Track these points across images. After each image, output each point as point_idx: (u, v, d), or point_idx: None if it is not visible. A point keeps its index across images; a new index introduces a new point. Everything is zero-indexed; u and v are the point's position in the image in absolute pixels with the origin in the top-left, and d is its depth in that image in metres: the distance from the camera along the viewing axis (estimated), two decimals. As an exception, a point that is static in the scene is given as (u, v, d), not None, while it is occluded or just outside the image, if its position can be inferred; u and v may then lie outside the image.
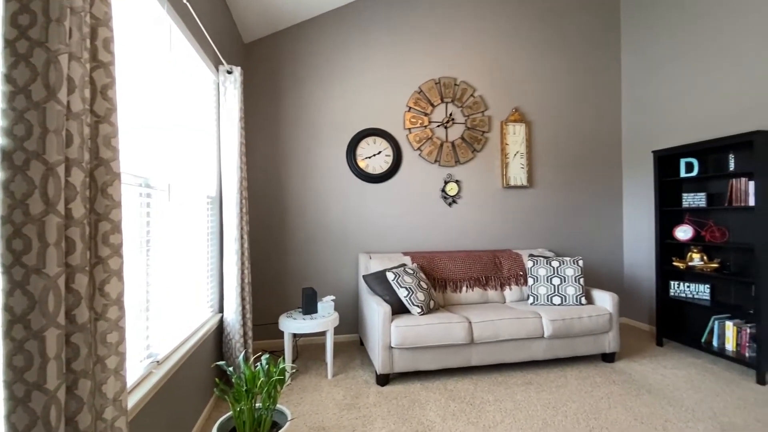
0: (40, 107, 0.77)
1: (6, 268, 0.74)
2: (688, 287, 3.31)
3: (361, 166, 3.64)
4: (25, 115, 0.76)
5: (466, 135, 3.83)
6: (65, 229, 0.83)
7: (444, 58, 3.83)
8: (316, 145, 3.62)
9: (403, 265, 3.13)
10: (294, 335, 3.52)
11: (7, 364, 0.74)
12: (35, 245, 0.76)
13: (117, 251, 0.99)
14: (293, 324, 2.72)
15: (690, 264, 3.23)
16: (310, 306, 2.86)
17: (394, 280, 2.89)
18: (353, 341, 3.64)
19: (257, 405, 1.77)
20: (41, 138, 0.76)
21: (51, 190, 0.77)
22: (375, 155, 3.67)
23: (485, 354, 2.81)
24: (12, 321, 0.74)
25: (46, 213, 0.77)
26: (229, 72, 2.62)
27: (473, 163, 3.87)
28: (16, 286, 0.75)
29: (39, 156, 0.76)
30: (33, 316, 0.75)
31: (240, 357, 1.96)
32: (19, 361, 0.74)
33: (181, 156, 2.07)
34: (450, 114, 3.82)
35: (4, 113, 0.75)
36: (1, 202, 0.74)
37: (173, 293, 1.91)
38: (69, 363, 0.84)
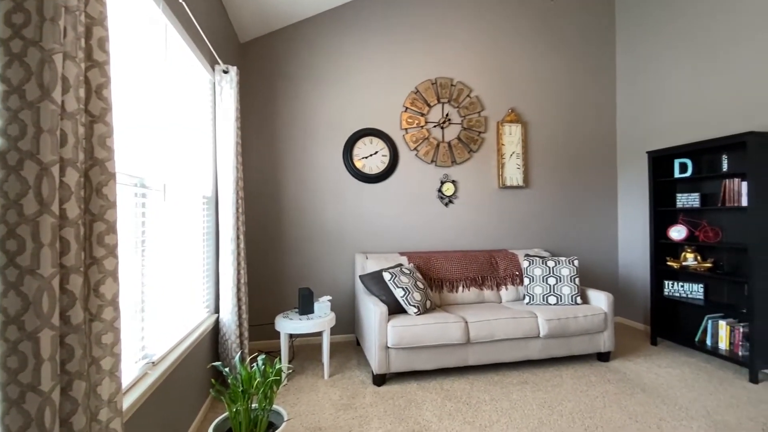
0: (34, 107, 0.76)
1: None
2: (682, 287, 3.34)
3: (358, 166, 3.64)
4: (19, 115, 0.75)
5: (462, 135, 3.84)
6: (60, 230, 0.82)
7: (440, 58, 3.84)
8: (312, 145, 3.61)
9: (400, 265, 3.13)
10: (290, 336, 3.51)
11: (1, 365, 0.73)
12: (29, 246, 0.75)
13: (112, 252, 0.98)
14: (289, 324, 2.71)
15: (684, 264, 3.26)
16: (306, 306, 2.86)
17: (390, 280, 2.89)
18: (350, 341, 3.64)
19: (253, 406, 1.76)
20: (35, 138, 0.76)
21: (45, 190, 0.77)
22: (372, 155, 3.67)
23: (481, 354, 2.82)
24: (6, 322, 0.74)
25: (40, 213, 0.76)
26: (225, 71, 2.61)
27: (470, 164, 3.88)
28: (9, 287, 0.74)
29: (33, 156, 0.76)
30: (27, 317, 0.74)
31: (236, 357, 1.95)
32: (13, 363, 0.73)
33: (177, 156, 2.06)
34: (446, 114, 3.83)
35: (-3, 113, 0.74)
36: (-5, 202, 0.74)
37: (169, 294, 1.90)
38: (63, 364, 0.83)
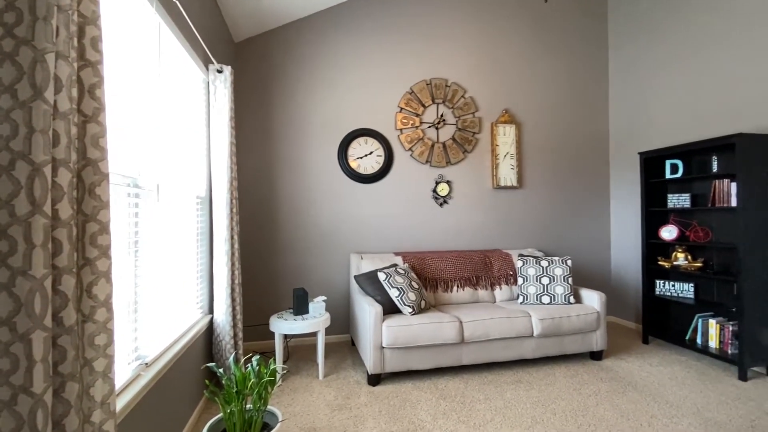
0: (26, 106, 0.76)
1: (-9, 269, 0.73)
2: (673, 286, 3.38)
3: (353, 166, 3.64)
4: (11, 115, 0.75)
5: (456, 136, 3.85)
6: (52, 230, 0.82)
7: (435, 59, 3.85)
8: (307, 145, 3.61)
9: (395, 266, 3.14)
10: (285, 336, 3.50)
11: (-8, 367, 0.72)
12: (21, 247, 0.74)
13: (105, 252, 0.98)
14: (284, 325, 2.71)
15: (675, 263, 3.30)
16: (301, 307, 2.86)
17: (385, 280, 2.89)
18: (345, 342, 3.64)
19: (248, 406, 1.76)
20: (27, 138, 0.75)
21: (37, 190, 0.76)
22: (366, 155, 3.67)
23: (476, 353, 2.83)
24: (-3, 323, 0.73)
25: (32, 214, 0.76)
26: (219, 71, 2.60)
27: (464, 164, 3.90)
28: (1, 288, 0.73)
29: (25, 156, 0.75)
30: (19, 318, 0.74)
31: (230, 358, 1.95)
32: (5, 364, 0.73)
33: (171, 156, 2.05)
34: (441, 115, 3.84)
35: (-12, 112, 0.73)
36: (-14, 202, 0.73)
37: (162, 295, 1.89)
38: (56, 366, 0.83)
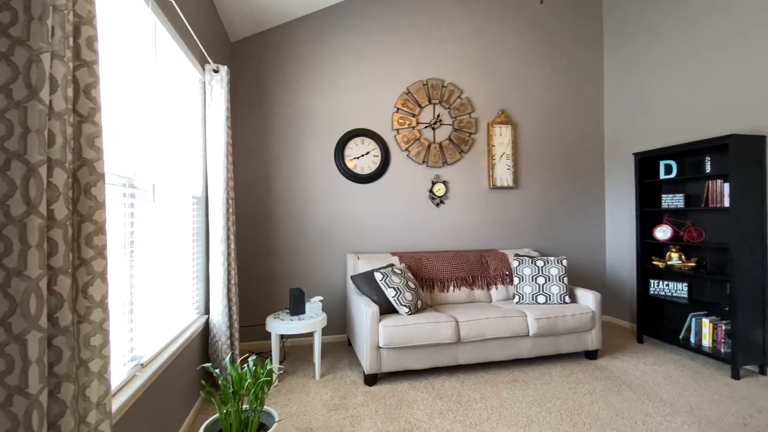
0: (21, 106, 0.75)
1: (-15, 270, 0.73)
2: (667, 286, 3.41)
3: (350, 166, 3.64)
4: (6, 115, 0.74)
5: (453, 136, 3.87)
6: (47, 231, 0.82)
7: (432, 59, 3.86)
8: (303, 145, 3.60)
9: (391, 266, 3.14)
10: (281, 336, 3.50)
11: (-13, 368, 0.72)
12: (16, 247, 0.74)
13: (101, 253, 0.97)
14: (281, 325, 2.70)
15: (669, 263, 3.33)
16: (297, 307, 2.85)
17: (382, 280, 2.90)
18: (341, 342, 3.64)
19: (244, 407, 1.76)
20: (22, 138, 0.75)
21: (33, 190, 0.76)
22: (363, 155, 3.68)
23: (472, 353, 2.85)
24: (-8, 324, 0.73)
25: (27, 214, 0.75)
26: (216, 71, 2.59)
27: (460, 164, 3.91)
28: (-4, 288, 0.73)
29: (20, 156, 0.75)
30: (14, 319, 0.74)
31: (227, 359, 1.94)
32: (0, 365, 0.72)
33: (166, 156, 2.05)
34: (438, 115, 3.85)
35: (-17, 112, 0.73)
36: (-19, 203, 0.73)
37: (158, 295, 1.88)
38: (51, 366, 0.82)
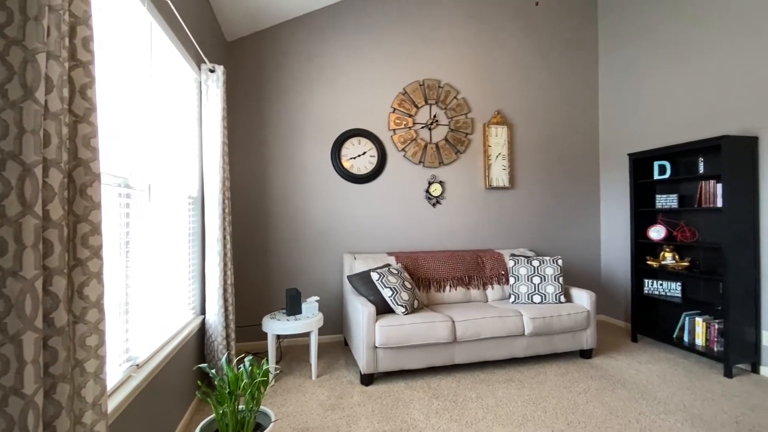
0: (16, 107, 0.75)
1: (-20, 271, 0.73)
2: (660, 285, 3.44)
3: (346, 166, 3.65)
4: (1, 115, 0.74)
5: (449, 136, 3.88)
6: (43, 231, 0.81)
7: (428, 60, 3.87)
8: (300, 145, 3.60)
9: (388, 266, 3.15)
10: (278, 336, 3.50)
11: (-18, 369, 0.72)
12: (11, 247, 0.74)
13: (96, 253, 0.97)
14: (277, 325, 2.70)
15: (663, 263, 3.36)
16: (294, 307, 2.85)
17: (378, 280, 2.90)
18: (338, 342, 3.64)
19: (240, 407, 1.76)
20: (18, 138, 0.75)
21: (28, 191, 0.76)
22: (360, 156, 3.68)
23: (468, 352, 2.86)
24: (-13, 325, 0.73)
25: (22, 215, 0.75)
26: (212, 71, 2.58)
27: (457, 165, 3.92)
28: (-9, 289, 0.73)
29: (15, 156, 0.75)
30: (9, 319, 0.73)
31: (223, 359, 1.94)
32: (-5, 366, 0.72)
33: (162, 156, 2.04)
34: (434, 116, 3.86)
35: (-22, 113, 0.73)
36: (-24, 203, 0.73)
37: (153, 295, 1.88)
38: (47, 367, 0.82)
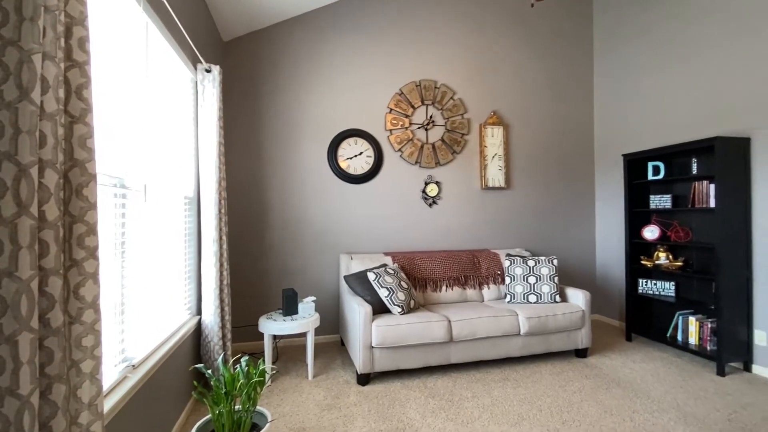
0: (12, 107, 0.75)
1: (-24, 271, 0.73)
2: (655, 285, 3.47)
3: (343, 166, 3.65)
4: (-3, 116, 0.74)
5: (446, 137, 3.89)
6: (38, 232, 0.81)
7: (424, 60, 3.88)
8: (296, 145, 3.60)
9: (384, 266, 3.15)
10: (274, 337, 3.49)
11: (-22, 369, 0.72)
12: (7, 248, 0.74)
13: (92, 254, 0.97)
14: (273, 325, 2.70)
15: (657, 262, 3.39)
16: (290, 307, 2.85)
17: (375, 280, 2.91)
18: (334, 342, 3.64)
19: (237, 407, 1.76)
20: (13, 139, 0.75)
21: (24, 191, 0.76)
22: (356, 156, 3.69)
23: (464, 352, 2.87)
24: (-18, 325, 0.72)
25: (18, 215, 0.75)
26: (208, 71, 2.58)
27: (453, 165, 3.94)
28: (-14, 289, 0.73)
29: (11, 157, 0.75)
30: (5, 320, 0.73)
31: (219, 359, 1.94)
32: (-9, 367, 0.72)
33: (158, 156, 2.04)
34: (430, 116, 3.87)
35: (-26, 113, 0.73)
36: (-29, 204, 0.73)
37: (149, 296, 1.87)
38: (43, 367, 0.82)
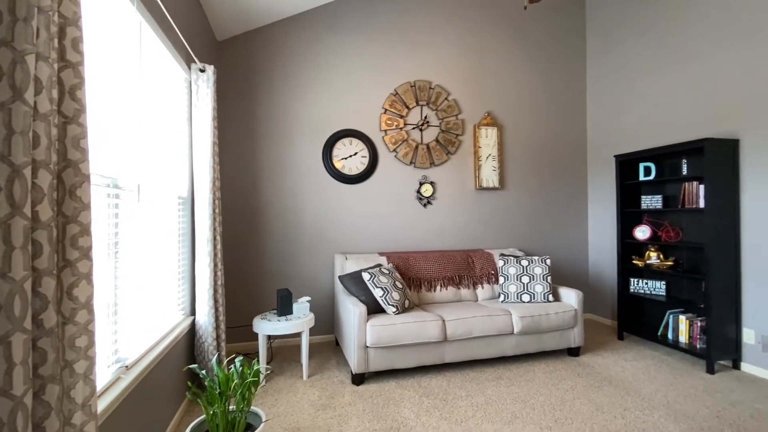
0: (5, 108, 0.75)
1: (-31, 272, 0.73)
2: (646, 284, 3.52)
3: (338, 166, 3.65)
4: (-10, 116, 0.74)
5: (440, 137, 3.91)
6: (32, 232, 0.81)
7: (419, 61, 3.90)
8: (291, 145, 3.60)
9: (379, 266, 3.16)
10: (269, 337, 3.49)
11: (-30, 370, 0.72)
12: (0, 249, 0.74)
13: (86, 254, 0.97)
14: (268, 326, 2.70)
15: (648, 262, 3.44)
16: (285, 307, 2.85)
17: (369, 280, 2.92)
18: (329, 342, 3.65)
19: (231, 407, 1.76)
20: (7, 139, 0.75)
21: (17, 192, 0.76)
22: (351, 156, 3.69)
23: (458, 351, 2.89)
24: (-25, 326, 0.72)
25: (11, 216, 0.75)
26: (202, 70, 2.57)
27: (447, 165, 3.96)
28: (-21, 290, 0.73)
29: (4, 158, 0.75)
30: (-2, 320, 0.73)
31: (213, 360, 1.94)
32: (-16, 367, 0.72)
33: (152, 156, 2.03)
34: (425, 117, 3.89)
35: (-34, 114, 0.73)
36: (-36, 204, 0.72)
37: (143, 296, 1.87)
38: (36, 368, 0.82)
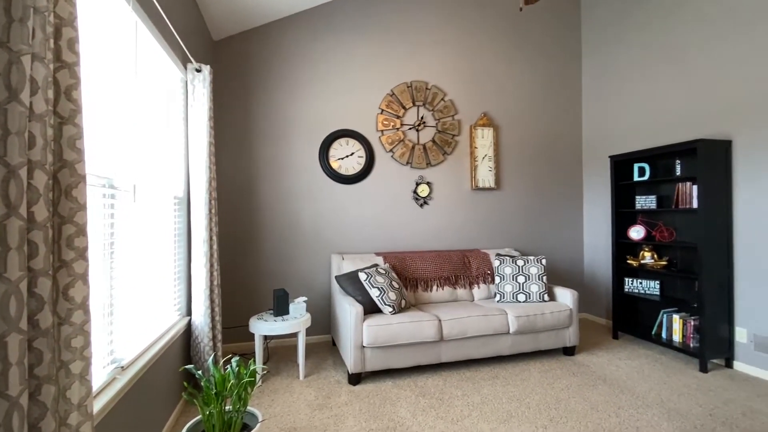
0: (1, 108, 0.75)
1: (-36, 272, 0.72)
2: (640, 283, 3.55)
3: (334, 167, 3.66)
4: (-15, 117, 0.74)
5: (437, 138, 3.92)
6: (27, 233, 0.81)
7: (416, 62, 3.91)
8: (287, 145, 3.60)
9: (376, 266, 3.17)
10: (265, 337, 3.48)
11: (-34, 371, 0.72)
12: (-4, 249, 0.74)
13: (82, 255, 0.97)
14: (264, 326, 2.70)
15: (642, 262, 3.47)
16: (281, 307, 2.85)
17: (366, 280, 2.93)
18: (325, 342, 3.65)
19: (227, 408, 1.76)
20: (2, 140, 0.75)
21: (13, 192, 0.76)
22: (348, 156, 3.69)
23: (454, 351, 2.90)
24: (-29, 327, 0.72)
25: (7, 216, 0.75)
26: (198, 70, 2.57)
27: (444, 166, 3.97)
28: (-25, 291, 0.73)
29: (0, 158, 0.75)
30: (-6, 321, 0.73)
31: (209, 360, 1.94)
32: (-21, 368, 0.72)
33: (148, 156, 2.02)
34: (421, 117, 3.90)
35: (-38, 114, 0.73)
36: (-41, 205, 0.72)
37: (138, 297, 1.86)
38: (32, 368, 0.82)
